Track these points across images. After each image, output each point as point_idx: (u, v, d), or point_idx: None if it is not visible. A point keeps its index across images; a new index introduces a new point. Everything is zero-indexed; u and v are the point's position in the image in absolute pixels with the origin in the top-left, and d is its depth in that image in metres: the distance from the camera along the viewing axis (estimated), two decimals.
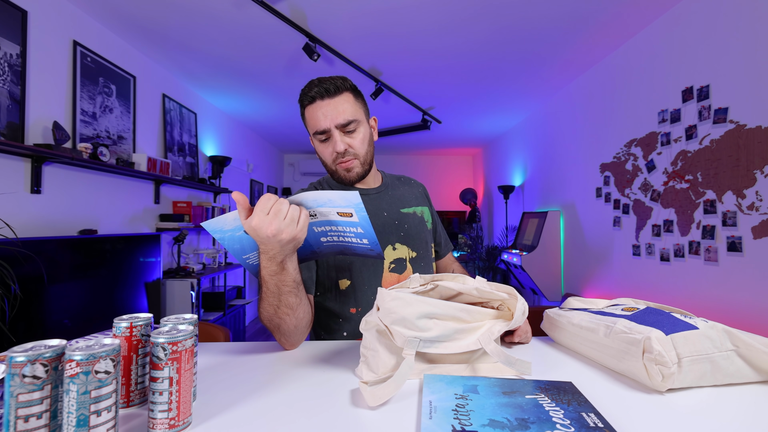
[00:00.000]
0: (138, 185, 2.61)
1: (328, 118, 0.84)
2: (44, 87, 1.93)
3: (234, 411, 0.52)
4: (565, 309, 0.80)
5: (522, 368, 0.59)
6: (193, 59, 2.79)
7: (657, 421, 0.48)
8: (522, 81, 3.23)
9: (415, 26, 2.35)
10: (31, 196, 1.83)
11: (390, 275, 0.91)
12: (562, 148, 3.46)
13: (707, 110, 1.91)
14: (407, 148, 5.96)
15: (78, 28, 2.15)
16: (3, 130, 1.70)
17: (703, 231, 1.92)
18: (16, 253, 1.48)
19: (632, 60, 2.48)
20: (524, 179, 4.36)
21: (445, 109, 3.95)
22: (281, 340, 0.76)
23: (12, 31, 1.76)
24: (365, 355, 0.64)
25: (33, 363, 0.39)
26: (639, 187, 2.41)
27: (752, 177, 1.68)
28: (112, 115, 2.38)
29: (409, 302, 0.60)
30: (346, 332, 0.89)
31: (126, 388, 0.52)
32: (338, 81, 0.86)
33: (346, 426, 0.48)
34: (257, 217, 0.61)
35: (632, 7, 2.14)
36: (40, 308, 1.67)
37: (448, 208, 6.43)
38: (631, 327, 0.61)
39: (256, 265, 0.73)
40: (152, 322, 0.56)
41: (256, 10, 2.15)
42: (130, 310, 2.20)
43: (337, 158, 0.88)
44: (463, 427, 0.44)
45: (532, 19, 2.26)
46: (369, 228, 0.67)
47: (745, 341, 0.57)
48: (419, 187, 1.10)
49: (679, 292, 2.09)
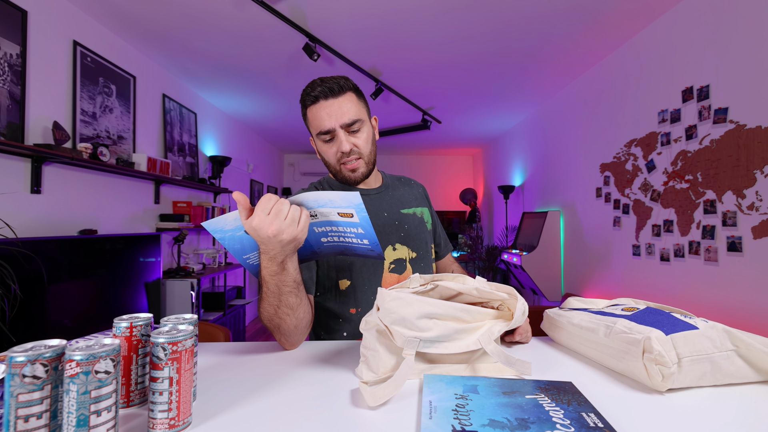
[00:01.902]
0: (138, 185, 2.61)
1: (333, 117, 0.84)
2: (44, 87, 1.92)
3: (234, 411, 0.52)
4: (565, 309, 0.80)
5: (522, 368, 0.59)
6: (193, 59, 2.79)
7: (657, 421, 0.48)
8: (522, 81, 3.23)
9: (415, 26, 2.35)
10: (31, 196, 1.83)
11: (390, 275, 0.91)
12: (562, 148, 3.46)
13: (707, 110, 1.91)
14: (407, 148, 5.96)
15: (78, 28, 2.15)
16: (3, 130, 1.70)
17: (703, 231, 1.92)
18: (16, 253, 1.48)
19: (632, 60, 2.48)
20: (524, 179, 4.36)
21: (445, 109, 3.95)
22: (281, 340, 0.76)
23: (12, 31, 1.76)
24: (365, 355, 0.64)
25: (33, 363, 0.39)
26: (639, 187, 2.41)
27: (752, 177, 1.68)
28: (112, 115, 2.38)
29: (409, 302, 0.60)
30: (346, 332, 0.89)
31: (126, 388, 0.52)
32: (341, 81, 0.86)
33: (346, 426, 0.48)
34: (258, 217, 0.61)
35: (632, 7, 2.14)
36: (40, 308, 1.67)
37: (448, 208, 6.42)
38: (631, 327, 0.61)
39: (256, 265, 0.73)
40: (152, 322, 0.56)
41: (256, 10, 2.15)
42: (130, 310, 2.20)
43: (342, 158, 0.88)
44: (463, 427, 0.44)
45: (533, 19, 2.26)
46: (369, 228, 0.67)
47: (745, 341, 0.57)
48: (419, 188, 1.10)
49: (679, 292, 2.09)
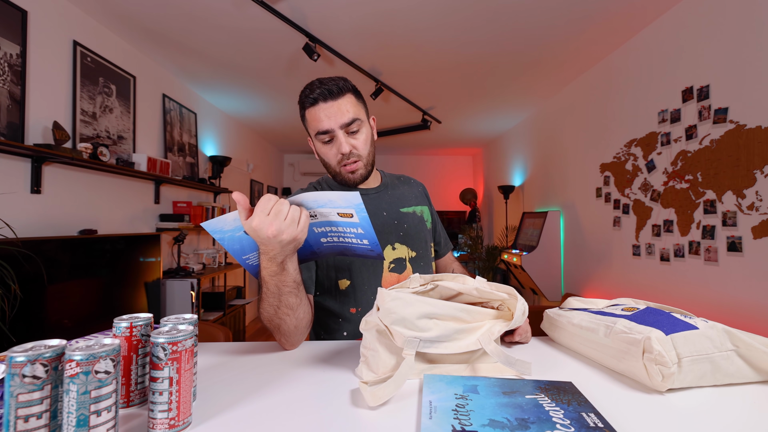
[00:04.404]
0: (138, 185, 2.61)
1: (332, 119, 0.84)
2: (44, 87, 1.92)
3: (234, 411, 0.52)
4: (565, 309, 0.80)
5: (522, 368, 0.59)
6: (193, 59, 2.79)
7: (657, 421, 0.48)
8: (522, 81, 3.23)
9: (415, 26, 2.35)
10: (31, 196, 1.83)
11: (390, 275, 0.91)
12: (562, 148, 3.46)
13: (707, 110, 1.91)
14: (407, 148, 5.96)
15: (78, 28, 2.15)
16: (3, 130, 1.70)
17: (703, 231, 1.92)
18: (16, 253, 1.48)
19: (632, 60, 2.48)
20: (524, 179, 4.36)
21: (445, 109, 3.95)
22: (281, 341, 0.76)
23: (12, 31, 1.76)
24: (365, 355, 0.64)
25: (33, 363, 0.39)
26: (639, 187, 2.41)
27: (752, 177, 1.68)
28: (112, 115, 2.38)
29: (409, 302, 0.60)
30: (346, 332, 0.89)
31: (126, 388, 0.52)
32: (340, 82, 0.85)
33: (345, 426, 0.48)
34: (258, 217, 0.60)
35: (632, 6, 2.14)
36: (40, 308, 1.67)
37: (448, 208, 6.42)
38: (631, 327, 0.61)
39: (255, 266, 0.73)
40: (152, 322, 0.56)
41: (256, 10, 2.15)
42: (130, 310, 2.20)
43: (342, 160, 0.88)
44: (463, 427, 0.44)
45: (533, 18, 2.26)
46: (369, 229, 0.67)
47: (745, 341, 0.57)
48: (419, 187, 1.10)
49: (679, 292, 2.09)
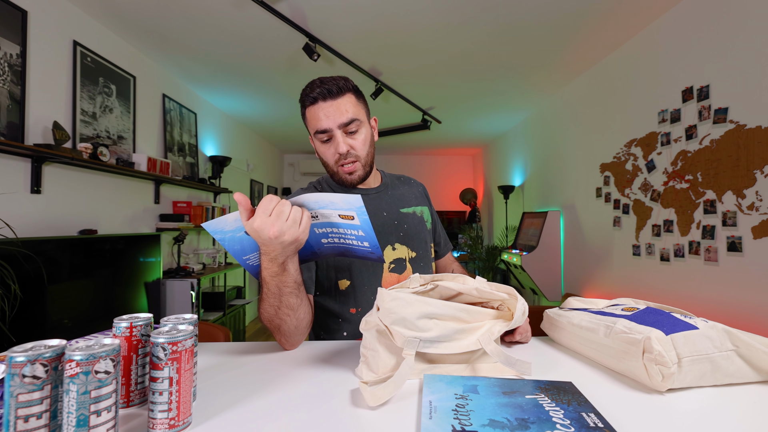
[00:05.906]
0: (138, 185, 2.61)
1: (331, 118, 0.84)
2: (44, 87, 1.92)
3: (234, 411, 0.52)
4: (565, 309, 0.80)
5: (522, 368, 0.59)
6: (193, 59, 2.79)
7: (657, 421, 0.48)
8: (522, 81, 3.23)
9: (415, 26, 2.35)
10: (31, 196, 1.83)
11: (390, 275, 0.91)
12: (562, 148, 3.46)
13: (707, 110, 1.91)
14: (407, 148, 5.96)
15: (78, 28, 2.15)
16: (3, 130, 1.70)
17: (703, 231, 1.92)
18: (16, 253, 1.48)
19: (632, 60, 2.48)
20: (524, 179, 4.36)
21: (445, 109, 3.95)
22: (281, 341, 0.76)
23: (12, 31, 1.76)
24: (365, 355, 0.64)
25: (33, 363, 0.39)
26: (639, 187, 2.41)
27: (752, 177, 1.68)
28: (112, 115, 2.38)
29: (409, 302, 0.60)
30: (346, 332, 0.89)
31: (126, 388, 0.52)
32: (340, 82, 0.85)
33: (345, 426, 0.48)
34: (259, 218, 0.60)
35: (632, 6, 2.14)
36: (40, 308, 1.67)
37: (448, 208, 6.42)
38: (631, 327, 0.61)
39: (256, 266, 0.72)
40: (152, 322, 0.56)
41: (256, 10, 2.15)
42: (130, 310, 2.20)
43: (339, 160, 0.88)
44: (463, 427, 0.44)
45: (532, 18, 2.26)
46: (370, 231, 0.67)
47: (745, 341, 0.57)
48: (419, 187, 1.10)
49: (679, 292, 2.09)
